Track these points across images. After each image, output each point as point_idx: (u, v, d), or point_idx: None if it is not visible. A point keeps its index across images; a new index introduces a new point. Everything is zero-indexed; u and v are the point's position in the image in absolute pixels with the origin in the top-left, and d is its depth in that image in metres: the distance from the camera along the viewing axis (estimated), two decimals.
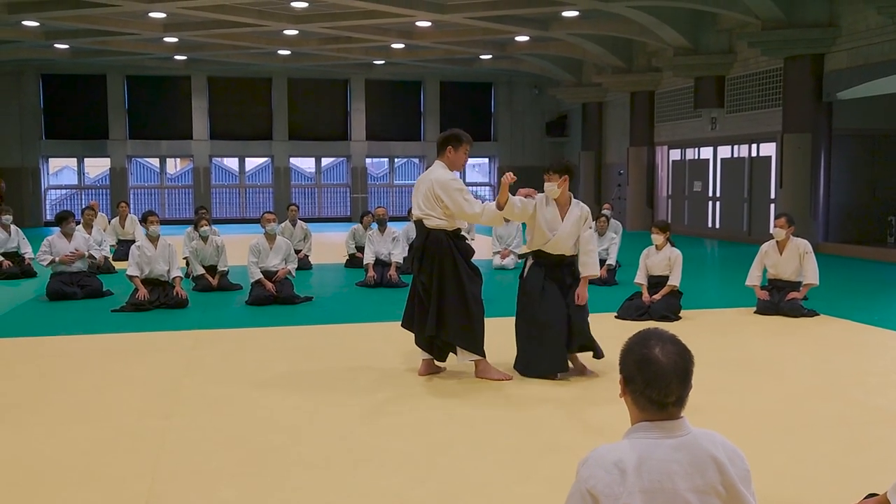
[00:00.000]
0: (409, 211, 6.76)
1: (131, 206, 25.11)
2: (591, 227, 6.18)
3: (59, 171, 30.13)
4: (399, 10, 16.69)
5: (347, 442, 4.56)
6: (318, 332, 7.91)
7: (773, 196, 17.39)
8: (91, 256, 10.54)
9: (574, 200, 6.19)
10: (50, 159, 25.82)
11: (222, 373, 6.20)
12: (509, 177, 5.84)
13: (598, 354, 6.14)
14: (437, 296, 5.82)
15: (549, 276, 6.03)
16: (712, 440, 2.19)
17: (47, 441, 4.59)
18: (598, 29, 19.04)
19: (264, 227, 9.94)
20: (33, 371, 6.33)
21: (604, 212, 13.11)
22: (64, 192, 26.81)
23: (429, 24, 19.02)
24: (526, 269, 6.16)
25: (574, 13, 17.88)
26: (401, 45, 21.93)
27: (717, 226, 19.72)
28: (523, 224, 6.41)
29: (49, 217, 24.59)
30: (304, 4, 16.77)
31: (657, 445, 2.13)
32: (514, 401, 5.43)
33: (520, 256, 6.12)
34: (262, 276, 9.56)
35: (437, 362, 6.13)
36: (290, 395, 5.56)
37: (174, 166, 31.58)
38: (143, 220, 9.62)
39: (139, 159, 27.05)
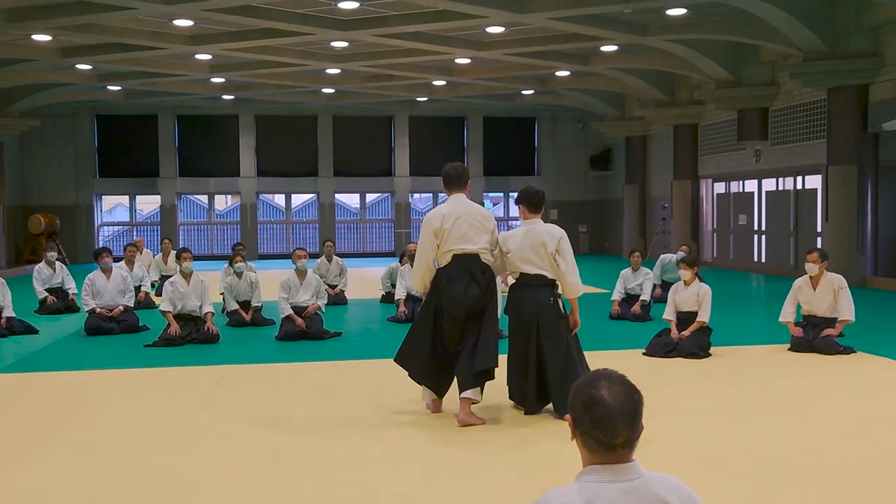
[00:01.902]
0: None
1: (181, 242, 25.73)
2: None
3: (114, 207, 31.03)
4: (437, 48, 16.89)
5: (353, 480, 4.55)
6: (343, 368, 7.93)
7: (819, 229, 17.01)
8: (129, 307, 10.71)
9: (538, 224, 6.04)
10: (103, 197, 26.57)
11: (241, 409, 6.24)
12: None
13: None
14: (488, 329, 5.74)
15: None
16: (665, 484, 2.13)
17: (57, 476, 4.67)
18: (638, 63, 19.00)
19: (295, 263, 10.06)
20: (57, 405, 6.46)
21: (679, 252, 12.86)
22: (116, 228, 27.53)
23: (468, 60, 19.20)
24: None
25: (613, 47, 17.88)
26: (442, 82, 22.15)
27: (763, 260, 19.34)
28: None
29: None
30: (345, 44, 17.08)
31: (605, 489, 2.08)
32: (522, 438, 5.36)
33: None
34: (292, 311, 9.66)
35: (439, 398, 6.04)
36: (304, 432, 5.57)
37: (225, 202, 32.29)
38: (177, 257, 9.81)
39: (188, 196, 27.67)
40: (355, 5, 13.94)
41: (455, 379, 5.86)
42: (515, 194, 6.40)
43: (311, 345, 9.25)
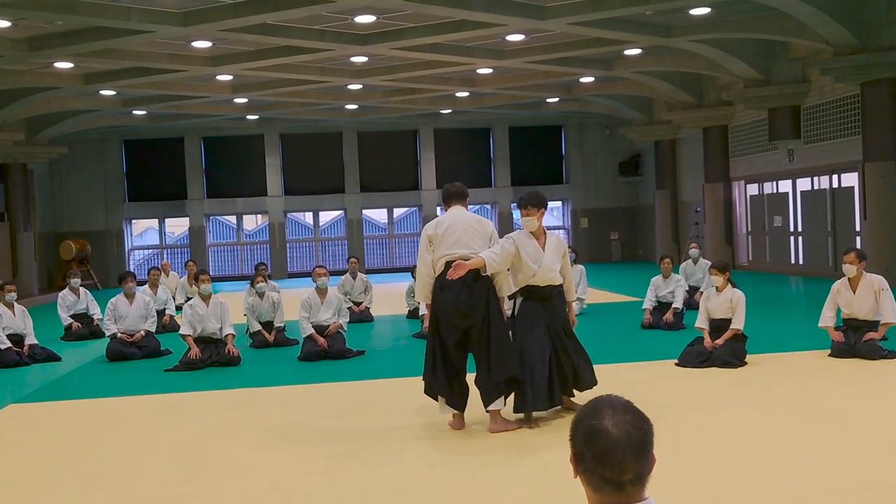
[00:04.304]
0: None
1: (210, 263, 25.77)
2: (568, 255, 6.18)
3: (145, 231, 31.23)
4: (457, 59, 16.68)
5: None
6: (364, 388, 7.71)
7: (858, 228, 16.47)
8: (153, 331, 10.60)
9: (547, 231, 6.19)
10: (133, 221, 26.72)
11: (254, 434, 6.03)
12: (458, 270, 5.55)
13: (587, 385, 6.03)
14: (498, 337, 5.67)
15: (545, 310, 5.96)
16: None
17: None
18: (663, 65, 18.63)
19: (315, 281, 9.86)
20: (70, 435, 6.30)
21: (691, 250, 12.75)
22: (147, 252, 27.66)
23: (490, 70, 18.98)
24: (517, 308, 6.05)
25: (637, 51, 17.54)
26: (465, 94, 21.95)
27: (801, 262, 18.80)
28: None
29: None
30: (364, 58, 16.95)
31: None
32: (544, 457, 5.07)
33: (510, 297, 6.07)
34: (313, 331, 9.46)
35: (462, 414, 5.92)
36: (317, 459, 5.34)
37: (255, 222, 32.33)
38: (196, 279, 9.68)
39: (217, 217, 27.73)
40: (372, 19, 13.79)
41: (479, 392, 5.79)
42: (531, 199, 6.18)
43: (333, 364, 9.04)
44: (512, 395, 5.83)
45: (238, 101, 21.27)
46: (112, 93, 19.40)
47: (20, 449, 5.97)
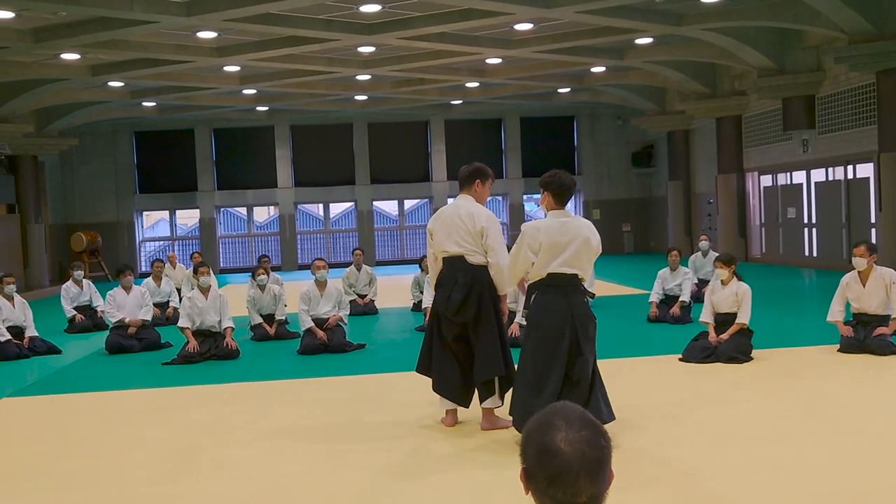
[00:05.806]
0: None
1: (220, 255, 25.75)
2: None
3: (156, 223, 31.28)
4: (465, 49, 16.48)
5: None
6: (363, 383, 7.59)
7: (873, 220, 16.18)
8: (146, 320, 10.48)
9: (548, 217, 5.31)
10: (144, 213, 26.73)
11: (246, 431, 5.92)
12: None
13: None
14: (486, 337, 5.54)
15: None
16: None
17: None
18: (675, 54, 18.35)
19: (314, 273, 9.73)
20: (58, 431, 6.21)
21: (701, 242, 12.60)
22: (158, 243, 27.67)
23: (499, 60, 18.76)
24: None
25: (648, 40, 17.28)
26: (475, 84, 21.74)
27: (815, 254, 18.51)
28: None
29: (144, 268, 25.27)
30: (371, 49, 16.79)
31: None
32: None
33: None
34: (313, 324, 9.34)
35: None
36: (308, 456, 5.23)
37: (267, 213, 32.29)
38: (195, 272, 9.58)
39: (227, 209, 27.70)
40: (377, 8, 13.63)
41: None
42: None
43: (332, 358, 8.92)
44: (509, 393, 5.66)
45: (247, 92, 21.18)
46: (120, 84, 19.34)
47: (8, 445, 5.89)
